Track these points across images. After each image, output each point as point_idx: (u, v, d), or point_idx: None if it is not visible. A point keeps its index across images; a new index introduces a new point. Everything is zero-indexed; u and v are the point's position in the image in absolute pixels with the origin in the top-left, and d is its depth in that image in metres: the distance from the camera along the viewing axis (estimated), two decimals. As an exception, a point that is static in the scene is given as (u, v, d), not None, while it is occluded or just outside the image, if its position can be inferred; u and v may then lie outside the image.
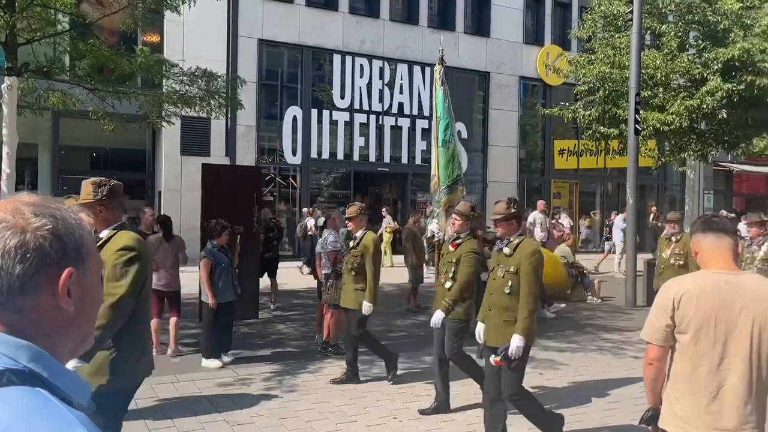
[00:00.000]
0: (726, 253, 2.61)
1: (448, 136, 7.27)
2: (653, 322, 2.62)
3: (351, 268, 6.35)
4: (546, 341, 8.42)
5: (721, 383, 2.47)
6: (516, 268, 4.39)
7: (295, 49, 18.09)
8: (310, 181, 18.50)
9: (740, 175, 25.61)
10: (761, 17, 12.17)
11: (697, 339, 2.49)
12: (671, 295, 2.56)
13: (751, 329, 2.46)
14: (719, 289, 2.51)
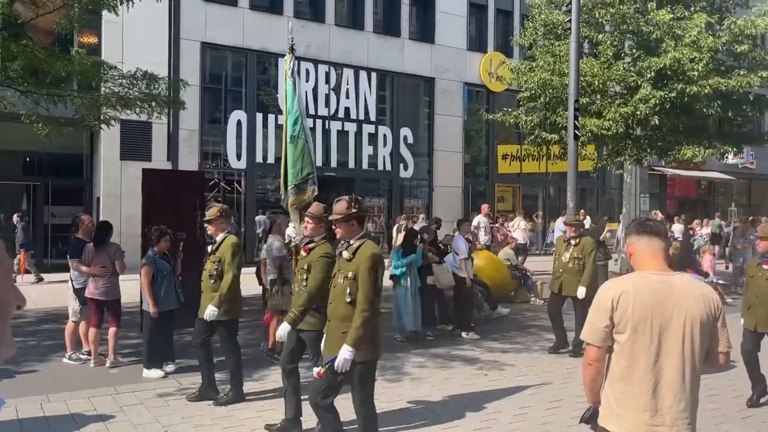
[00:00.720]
0: (659, 254, 2.72)
1: (298, 131, 6.71)
2: (593, 322, 2.69)
3: (210, 274, 5.90)
4: (491, 342, 8.57)
5: (657, 380, 2.57)
6: (354, 274, 4.02)
7: (239, 53, 17.87)
8: (255, 186, 18.28)
9: (673, 179, 26.69)
10: (691, 28, 12.72)
11: (635, 338, 2.58)
12: (610, 296, 2.63)
13: (683, 327, 2.57)
14: (654, 290, 2.61)
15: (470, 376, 6.91)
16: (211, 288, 5.92)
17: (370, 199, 20.46)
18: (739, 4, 14.40)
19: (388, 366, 7.19)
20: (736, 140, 14.74)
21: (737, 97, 13.91)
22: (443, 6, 21.16)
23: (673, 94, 12.70)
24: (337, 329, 4.11)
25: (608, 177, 24.15)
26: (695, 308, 2.59)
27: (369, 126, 19.88)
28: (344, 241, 4.20)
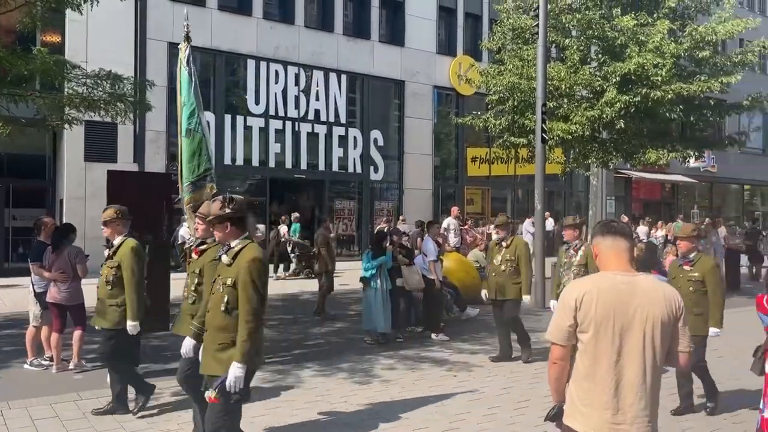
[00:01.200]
0: (623, 255, 2.77)
1: (194, 125, 6.30)
2: (557, 322, 2.73)
3: (107, 281, 5.51)
4: (460, 344, 8.62)
5: (619, 379, 2.61)
6: (234, 280, 3.67)
7: (208, 54, 17.67)
8: (223, 188, 18.04)
9: (638, 182, 27.22)
10: (654, 34, 12.99)
11: (597, 337, 2.63)
12: (574, 296, 2.68)
13: (645, 327, 2.62)
14: (617, 290, 2.66)
15: (439, 377, 6.93)
16: (108, 295, 5.50)
17: (340, 201, 20.44)
18: (700, 11, 14.76)
19: (357, 368, 7.18)
20: (698, 144, 15.10)
21: (699, 102, 14.25)
22: (413, 9, 21.26)
23: (637, 98, 12.94)
24: (213, 342, 3.75)
25: (575, 180, 24.53)
26: (657, 308, 2.64)
27: (339, 128, 19.86)
28: (224, 244, 3.86)
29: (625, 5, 14.12)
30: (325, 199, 19.92)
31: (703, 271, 5.68)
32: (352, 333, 9.26)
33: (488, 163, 22.85)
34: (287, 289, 13.75)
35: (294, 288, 13.91)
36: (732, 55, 14.19)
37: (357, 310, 10.26)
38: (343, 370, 7.12)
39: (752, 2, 30.86)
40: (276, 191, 19.52)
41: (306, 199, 21.22)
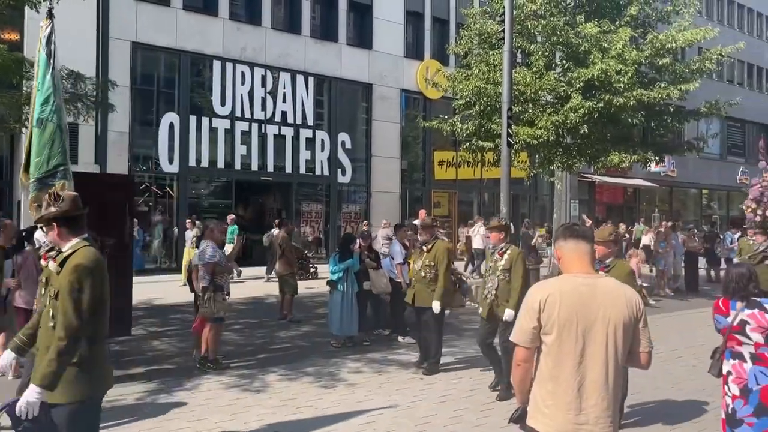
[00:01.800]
0: (585, 258, 2.82)
1: (48, 113, 5.51)
2: (521, 324, 2.75)
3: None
4: (427, 347, 8.62)
5: (582, 380, 2.64)
6: (56, 291, 3.13)
7: (173, 54, 17.41)
8: (188, 190, 17.82)
9: (601, 186, 27.72)
10: (616, 41, 13.25)
11: (561, 339, 2.65)
12: (538, 298, 2.70)
13: (607, 329, 2.66)
14: (579, 292, 2.70)
15: (406, 380, 6.94)
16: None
17: (307, 204, 20.35)
18: (661, 19, 15.12)
19: (323, 372, 7.14)
20: (659, 149, 15.44)
21: (659, 108, 14.57)
22: (380, 13, 21.31)
23: (600, 104, 13.18)
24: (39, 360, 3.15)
25: (540, 183, 24.85)
26: (618, 310, 2.68)
27: (306, 131, 19.76)
28: (55, 248, 3.35)
29: (588, 13, 14.38)
30: (292, 202, 19.79)
31: (618, 277, 5.45)
32: (319, 336, 9.21)
33: (455, 167, 23.00)
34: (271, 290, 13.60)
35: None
36: (690, 63, 14.57)
37: (323, 314, 10.21)
38: (309, 373, 7.07)
39: (710, 12, 31.76)
40: (242, 194, 19.32)
41: (272, 201, 21.05)
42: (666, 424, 5.74)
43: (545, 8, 14.26)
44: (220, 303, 7.21)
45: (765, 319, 4.05)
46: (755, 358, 4.07)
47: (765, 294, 4.27)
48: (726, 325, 4.18)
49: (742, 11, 34.42)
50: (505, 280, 6.34)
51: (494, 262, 6.50)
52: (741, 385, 4.10)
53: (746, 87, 34.13)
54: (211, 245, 7.26)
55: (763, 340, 4.05)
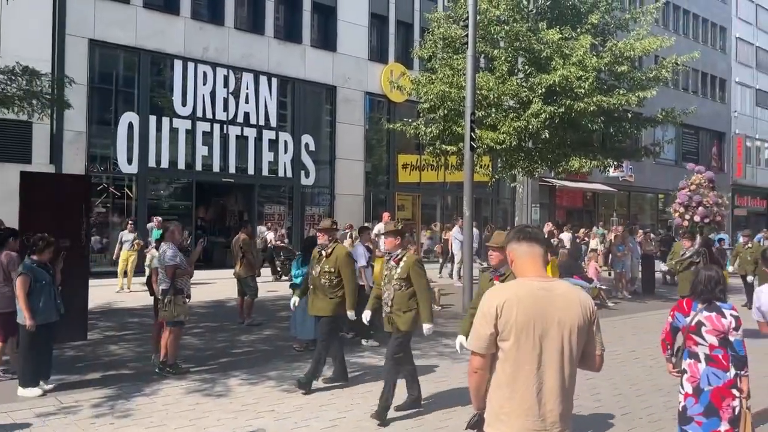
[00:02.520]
0: (538, 261, 2.76)
1: None
2: (478, 331, 2.67)
3: None
4: (390, 350, 8.61)
5: (540, 385, 2.61)
6: None
7: (132, 53, 17.06)
8: (147, 191, 17.47)
9: (561, 190, 28.21)
10: (577, 48, 13.51)
11: (519, 345, 2.61)
12: (494, 303, 2.63)
13: (563, 332, 2.63)
14: (535, 296, 2.65)
15: (369, 383, 6.91)
16: None
17: (270, 206, 20.15)
18: (620, 27, 15.48)
19: (286, 376, 7.07)
20: (617, 154, 15.79)
21: (618, 115, 14.90)
22: (345, 15, 21.28)
23: (561, 109, 13.40)
24: None
25: (502, 187, 25.14)
26: (574, 313, 2.66)
27: (269, 132, 19.59)
28: None
29: (550, 19, 14.62)
30: (255, 204, 19.57)
31: None
32: (281, 340, 9.12)
33: (419, 170, 23.10)
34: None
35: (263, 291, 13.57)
36: (648, 71, 14.94)
37: (286, 317, 10.11)
38: (271, 377, 6.99)
39: (667, 21, 32.67)
40: (203, 195, 19.04)
41: (234, 203, 20.80)
42: (624, 423, 5.85)
43: (508, 14, 14.44)
44: (181, 306, 7.08)
45: (721, 323, 4.16)
46: (709, 359, 4.18)
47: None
48: (684, 324, 4.28)
49: (696, 21, 35.51)
50: (401, 290, 5.74)
51: (389, 270, 5.88)
52: (694, 384, 4.20)
53: (700, 95, 35.21)
54: (172, 247, 7.12)
55: (717, 342, 4.16)
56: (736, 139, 38.56)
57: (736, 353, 4.14)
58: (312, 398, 6.30)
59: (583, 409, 6.10)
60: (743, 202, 39.81)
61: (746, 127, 39.52)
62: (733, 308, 4.26)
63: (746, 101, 39.96)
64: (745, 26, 39.35)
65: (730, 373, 4.14)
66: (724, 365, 4.15)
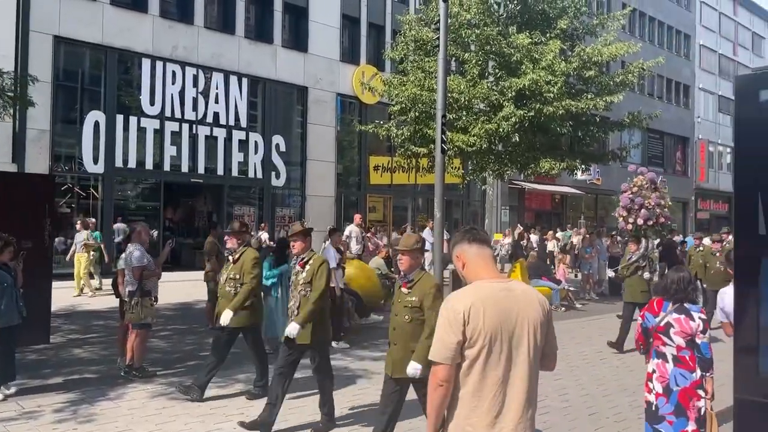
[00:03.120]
0: (491, 262, 2.70)
1: None
2: (444, 340, 2.53)
3: None
4: (360, 351, 8.60)
5: (507, 389, 2.55)
6: None
7: (99, 50, 16.75)
8: (114, 191, 17.15)
9: (530, 193, 28.54)
10: (547, 52, 13.69)
11: (488, 350, 2.52)
12: (460, 310, 2.52)
13: (528, 333, 2.58)
14: (498, 298, 2.57)
15: (340, 385, 6.87)
16: None
17: (239, 207, 19.96)
18: (588, 33, 15.72)
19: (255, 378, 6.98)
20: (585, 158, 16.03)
21: (586, 119, 15.13)
22: (316, 16, 21.22)
23: (531, 113, 13.55)
24: None
25: (472, 190, 25.33)
26: (535, 313, 2.62)
27: (239, 132, 19.41)
28: None
29: (520, 24, 14.78)
30: (224, 205, 19.37)
31: (423, 292, 4.34)
32: (251, 342, 9.01)
33: (390, 172, 23.14)
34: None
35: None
36: (615, 76, 15.21)
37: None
38: (240, 380, 6.91)
39: (633, 28, 33.31)
40: (171, 196, 18.78)
41: (203, 204, 20.56)
42: (591, 423, 5.92)
43: (479, 18, 14.55)
44: (148, 308, 6.96)
45: (689, 326, 4.24)
46: (677, 360, 4.26)
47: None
48: (653, 324, 4.35)
49: (662, 28, 36.29)
50: (307, 296, 5.25)
51: (296, 275, 5.38)
52: (664, 384, 4.28)
53: (665, 101, 35.98)
54: (139, 248, 6.99)
55: (684, 344, 4.24)
56: (700, 144, 39.51)
57: (702, 355, 4.22)
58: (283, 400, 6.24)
59: (551, 410, 6.16)
60: (706, 206, 40.81)
61: (709, 132, 40.54)
62: (701, 311, 4.35)
63: (709, 107, 40.99)
64: (708, 34, 40.37)
65: (696, 374, 4.23)
66: (691, 366, 4.23)
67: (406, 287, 4.42)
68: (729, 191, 42.04)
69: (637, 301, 9.17)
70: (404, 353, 4.35)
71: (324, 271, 5.28)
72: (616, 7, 24.28)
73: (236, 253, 6.22)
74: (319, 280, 5.24)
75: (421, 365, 4.17)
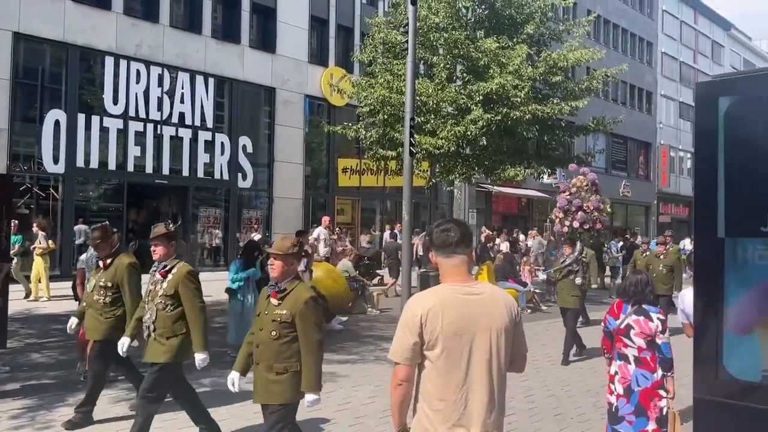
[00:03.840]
0: (461, 266, 2.68)
1: None
2: (402, 341, 2.57)
3: None
4: (327, 354, 8.51)
5: (469, 392, 2.56)
6: None
7: (60, 48, 16.34)
8: (75, 192, 16.75)
9: (497, 196, 28.81)
10: (514, 57, 13.86)
11: (447, 353, 2.54)
12: (418, 312, 2.54)
13: (491, 337, 2.59)
14: (460, 301, 2.58)
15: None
16: None
17: (205, 209, 19.70)
18: (554, 38, 15.97)
19: (220, 383, 6.88)
20: (551, 162, 16.26)
21: (552, 123, 15.37)
22: (284, 17, 21.09)
23: (498, 117, 13.70)
24: None
25: (440, 192, 25.47)
26: (500, 317, 2.62)
27: (205, 133, 19.15)
28: None
29: (488, 29, 14.94)
30: (189, 207, 19.08)
31: (294, 307, 3.88)
32: (216, 347, 8.86)
33: (359, 174, 23.12)
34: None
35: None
36: (580, 82, 15.47)
37: (221, 323, 9.88)
38: (204, 385, 6.80)
39: (598, 35, 33.92)
40: (134, 197, 18.42)
41: (168, 205, 20.24)
42: (555, 424, 5.99)
43: (447, 22, 14.67)
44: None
45: (648, 327, 4.33)
46: (638, 361, 4.34)
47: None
48: (615, 327, 4.43)
49: (625, 35, 37.05)
50: (165, 310, 4.70)
51: (154, 285, 4.77)
52: (625, 385, 4.35)
53: (628, 106, 36.73)
54: (100, 251, 6.81)
55: (645, 345, 4.32)
56: (661, 149, 40.44)
57: (663, 355, 4.31)
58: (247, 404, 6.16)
59: (517, 411, 6.21)
60: (668, 210, 41.79)
61: (670, 138, 41.52)
62: (659, 312, 4.44)
63: (671, 113, 41.99)
64: (670, 42, 41.37)
65: (657, 374, 4.31)
66: (652, 367, 4.31)
67: (276, 298, 3.90)
68: (689, 195, 43.11)
69: (567, 306, 8.97)
70: (267, 375, 3.92)
71: (192, 283, 4.74)
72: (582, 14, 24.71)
73: (108, 258, 5.52)
74: (190, 296, 4.71)
75: (316, 394, 3.93)
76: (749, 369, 3.31)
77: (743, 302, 3.33)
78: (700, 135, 3.62)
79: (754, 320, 3.30)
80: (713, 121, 3.46)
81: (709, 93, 3.56)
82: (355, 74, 19.89)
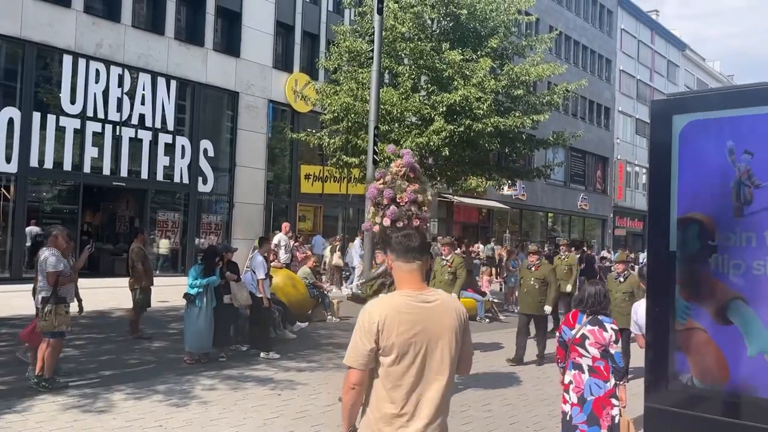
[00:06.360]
0: (416, 274, 2.75)
1: None
2: (357, 346, 2.63)
3: None
4: (286, 361, 8.49)
5: (420, 398, 2.62)
6: None
7: (16, 44, 15.87)
8: (28, 193, 16.24)
9: (459, 206, 29.08)
10: (478, 70, 14.06)
11: (401, 359, 2.61)
12: (375, 319, 2.61)
13: (442, 342, 2.66)
14: (415, 308, 2.66)
15: (263, 396, 6.76)
16: None
17: (164, 213, 19.34)
18: (517, 53, 16.26)
19: (175, 390, 6.77)
20: (511, 174, 16.51)
21: (513, 136, 15.61)
22: (250, 21, 20.94)
23: (461, 128, 13.85)
24: None
25: (403, 201, 25.53)
26: (451, 322, 2.70)
27: (166, 135, 18.82)
28: None
29: (453, 41, 15.11)
30: (147, 210, 18.69)
31: None
32: (171, 352, 8.73)
33: (321, 181, 23.04)
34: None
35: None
36: (541, 96, 15.78)
37: (177, 329, 9.71)
38: (159, 391, 6.67)
39: (560, 51, 34.67)
40: (90, 199, 17.98)
41: (125, 208, 19.81)
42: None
43: (413, 32, 14.79)
44: (62, 316, 6.61)
45: (602, 337, 4.43)
46: (592, 370, 4.43)
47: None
48: (570, 337, 4.52)
49: (585, 52, 37.96)
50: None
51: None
52: (579, 394, 4.44)
53: (587, 121, 37.59)
54: (55, 253, 6.65)
55: (599, 354, 4.42)
56: (618, 164, 41.48)
57: (615, 365, 4.41)
58: (203, 412, 6.07)
59: (473, 419, 6.27)
60: (623, 223, 42.86)
61: (627, 153, 42.64)
62: (613, 322, 4.55)
63: (627, 129, 43.14)
64: (627, 60, 42.55)
65: (610, 383, 4.41)
66: (605, 376, 4.41)
67: None
68: (644, 210, 44.29)
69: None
70: None
71: None
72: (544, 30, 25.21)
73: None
74: None
75: None
76: (695, 379, 3.42)
77: (693, 314, 3.45)
78: (655, 151, 3.74)
79: (704, 332, 3.41)
80: (667, 138, 3.59)
81: (664, 111, 3.69)
82: (319, 81, 19.87)
